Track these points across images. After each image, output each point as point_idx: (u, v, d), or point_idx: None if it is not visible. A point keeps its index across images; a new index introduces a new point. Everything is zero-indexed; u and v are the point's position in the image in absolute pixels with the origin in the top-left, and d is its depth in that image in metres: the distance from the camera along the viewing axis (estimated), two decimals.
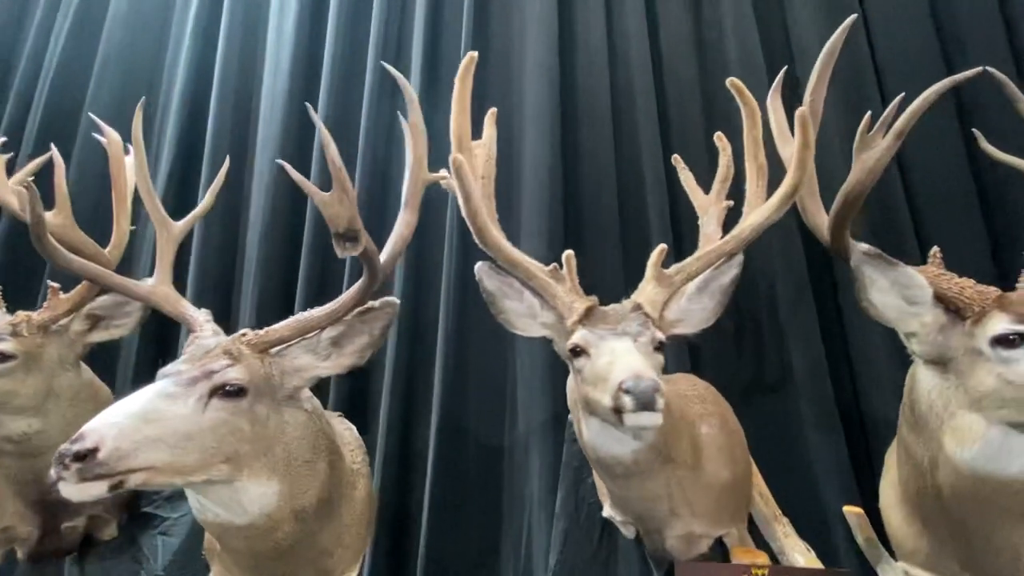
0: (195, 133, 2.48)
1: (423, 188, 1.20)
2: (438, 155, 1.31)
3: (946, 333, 1.05)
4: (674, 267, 1.20)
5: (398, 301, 1.17)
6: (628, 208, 2.19)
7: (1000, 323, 0.98)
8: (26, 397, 1.31)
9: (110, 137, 1.38)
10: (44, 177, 1.47)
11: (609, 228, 2.19)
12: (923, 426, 1.12)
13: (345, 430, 1.63)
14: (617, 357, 1.00)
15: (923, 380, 1.12)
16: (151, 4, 2.75)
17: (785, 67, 1.25)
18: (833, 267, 2.09)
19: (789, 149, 1.11)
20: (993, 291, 1.03)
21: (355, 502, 1.43)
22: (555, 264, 1.18)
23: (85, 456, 0.84)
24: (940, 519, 1.21)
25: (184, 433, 0.95)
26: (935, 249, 1.11)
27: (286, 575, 1.28)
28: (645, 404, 0.92)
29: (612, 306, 1.16)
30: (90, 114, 1.59)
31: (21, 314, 1.34)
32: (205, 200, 1.47)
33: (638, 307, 1.12)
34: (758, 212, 1.17)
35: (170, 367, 1.03)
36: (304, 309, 1.15)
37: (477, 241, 1.18)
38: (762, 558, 1.39)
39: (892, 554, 1.38)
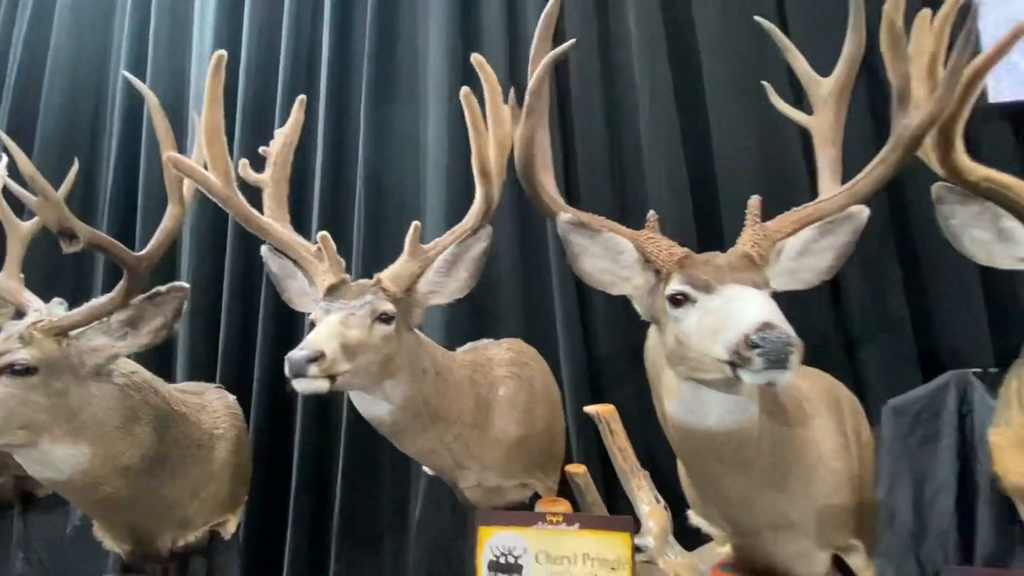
0: (135, 134, 2.71)
1: (179, 183, 1.32)
2: None
3: (653, 295, 1.09)
4: (431, 243, 1.28)
5: (188, 285, 1.31)
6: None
7: (673, 283, 1.01)
8: None
9: None
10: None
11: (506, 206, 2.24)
12: (652, 382, 1.17)
13: (216, 399, 1.81)
14: (315, 333, 1.11)
15: (650, 338, 1.17)
16: (90, 14, 2.97)
17: None
18: None
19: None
20: (683, 252, 1.05)
21: (211, 462, 1.62)
22: (317, 246, 1.28)
23: None
24: (688, 469, 1.26)
25: None
26: (651, 213, 1.13)
27: (135, 523, 1.49)
28: (296, 373, 1.04)
29: (359, 281, 1.26)
30: None
31: None
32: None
33: (377, 282, 1.22)
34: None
35: None
36: None
37: (244, 226, 1.30)
38: (563, 507, 1.48)
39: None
